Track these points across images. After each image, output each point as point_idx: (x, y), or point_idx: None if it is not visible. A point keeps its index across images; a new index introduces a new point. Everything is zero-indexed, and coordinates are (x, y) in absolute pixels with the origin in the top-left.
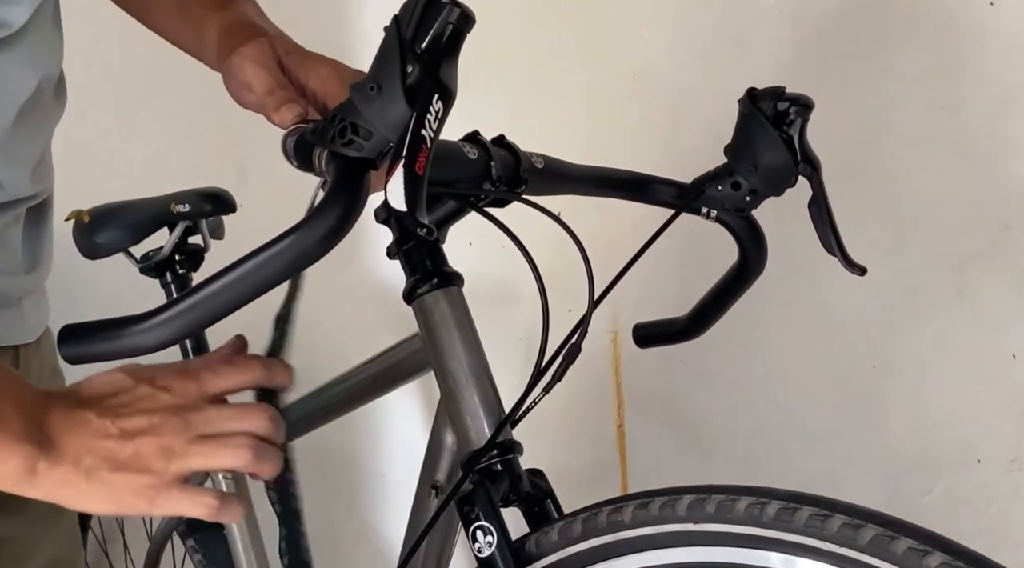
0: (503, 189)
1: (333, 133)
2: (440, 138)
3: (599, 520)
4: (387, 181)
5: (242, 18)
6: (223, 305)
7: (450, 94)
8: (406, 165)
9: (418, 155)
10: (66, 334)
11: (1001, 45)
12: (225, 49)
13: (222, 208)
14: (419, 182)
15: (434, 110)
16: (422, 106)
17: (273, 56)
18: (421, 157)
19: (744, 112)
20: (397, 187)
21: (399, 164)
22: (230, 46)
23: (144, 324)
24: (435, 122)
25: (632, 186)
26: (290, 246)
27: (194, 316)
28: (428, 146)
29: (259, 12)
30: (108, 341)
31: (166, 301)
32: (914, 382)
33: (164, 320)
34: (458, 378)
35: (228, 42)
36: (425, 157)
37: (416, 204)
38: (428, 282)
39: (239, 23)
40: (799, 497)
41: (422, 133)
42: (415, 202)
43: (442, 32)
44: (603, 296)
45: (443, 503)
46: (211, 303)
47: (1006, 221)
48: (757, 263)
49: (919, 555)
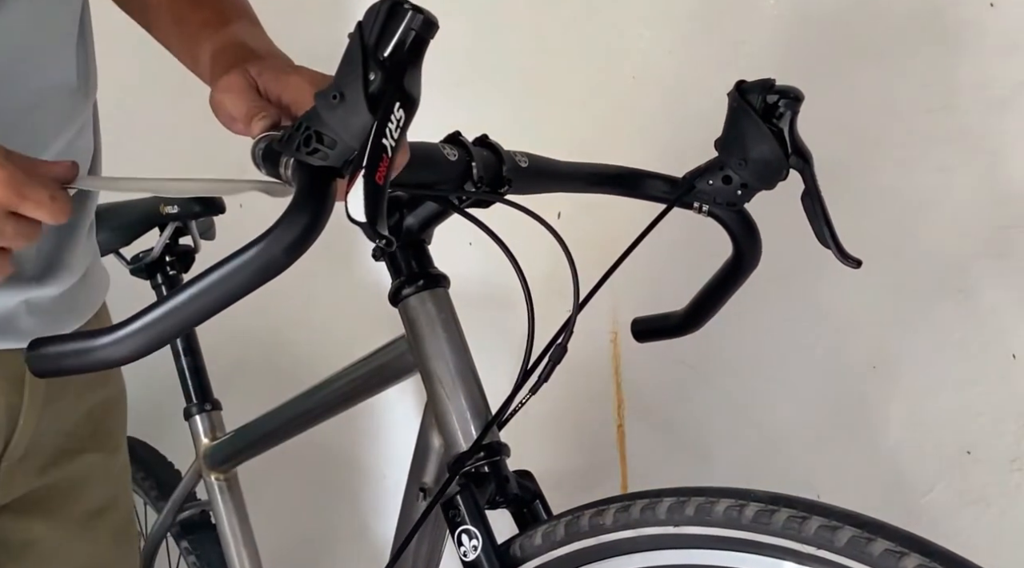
0: (484, 190)
1: (299, 141)
2: (421, 140)
3: (581, 523)
4: (347, 191)
5: (233, 41)
6: (191, 316)
7: (412, 102)
8: (366, 175)
9: (378, 164)
10: (35, 348)
11: (1001, 45)
12: (215, 74)
13: (211, 209)
14: (379, 192)
15: (395, 118)
16: (383, 115)
17: (248, 82)
18: (382, 166)
19: (733, 105)
20: (358, 196)
21: (360, 173)
22: (216, 74)
23: (112, 337)
24: (396, 130)
25: (623, 181)
26: (255, 257)
27: (162, 329)
28: (389, 155)
29: (253, 32)
30: (77, 355)
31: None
32: (914, 382)
33: (132, 333)
34: (444, 380)
35: (216, 67)
36: (386, 166)
37: (376, 215)
38: (413, 284)
39: (230, 47)
40: (778, 499)
41: (383, 142)
42: (375, 213)
43: (405, 39)
44: (592, 293)
45: (429, 506)
46: (178, 315)
47: (1006, 221)
48: (751, 257)
49: (895, 556)
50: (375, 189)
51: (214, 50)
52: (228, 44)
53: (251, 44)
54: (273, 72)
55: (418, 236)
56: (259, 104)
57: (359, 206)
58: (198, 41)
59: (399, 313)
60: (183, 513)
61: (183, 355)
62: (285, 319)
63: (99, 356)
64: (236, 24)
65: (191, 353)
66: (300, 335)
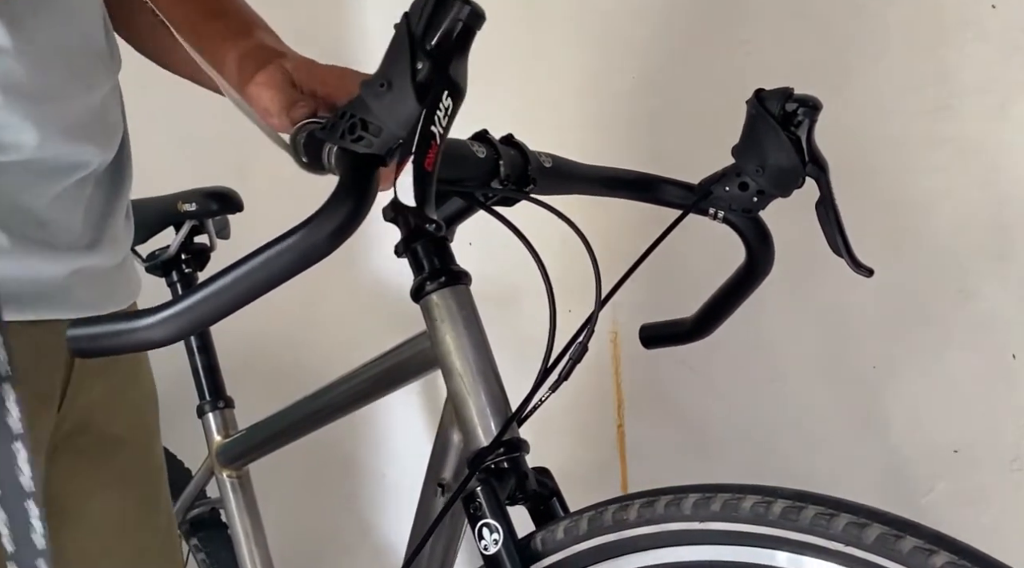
0: (511, 188)
1: (343, 129)
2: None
3: (605, 518)
4: (396, 177)
5: (260, 45)
6: (231, 301)
7: (460, 91)
8: (415, 161)
9: (427, 151)
10: (75, 329)
11: (1001, 46)
12: (244, 77)
13: (228, 207)
14: (428, 178)
15: (443, 106)
16: (432, 102)
17: (283, 77)
18: (431, 153)
19: (752, 112)
20: (406, 183)
21: (408, 160)
22: (248, 73)
23: (150, 319)
24: (444, 118)
25: (640, 186)
26: (298, 242)
27: (201, 312)
28: (438, 142)
29: (276, 39)
30: (115, 336)
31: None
32: (914, 382)
33: (171, 316)
34: (465, 377)
35: (245, 69)
36: (435, 153)
37: (426, 200)
38: (436, 280)
39: (255, 49)
40: (805, 496)
41: (432, 129)
42: (425, 198)
43: (452, 29)
44: (611, 295)
45: (450, 500)
46: (218, 299)
47: (1006, 221)
48: (764, 264)
49: (925, 554)
50: (424, 175)
51: (239, 56)
52: (253, 47)
53: (279, 48)
54: (307, 67)
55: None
56: (296, 95)
57: (408, 192)
58: (220, 55)
59: (421, 309)
60: (193, 511)
61: (197, 353)
62: (297, 318)
63: (138, 337)
64: (256, 32)
65: (205, 351)
66: (312, 334)
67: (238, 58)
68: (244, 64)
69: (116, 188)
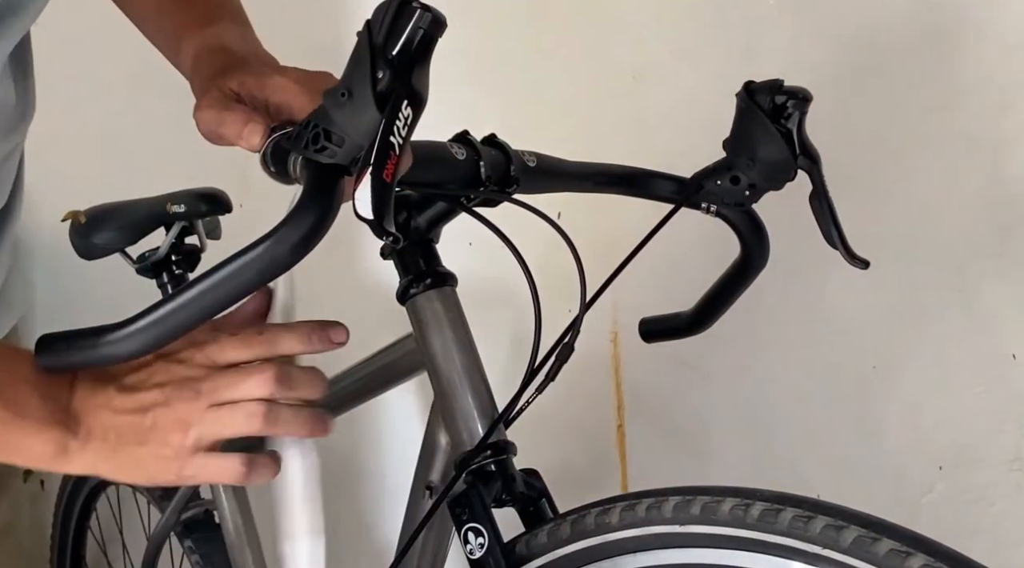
0: (493, 189)
1: (307, 139)
2: (429, 139)
3: (587, 521)
4: (355, 188)
5: (215, 44)
6: (198, 313)
7: (420, 100)
8: (373, 172)
9: (386, 162)
10: (43, 344)
11: (1001, 45)
12: (195, 81)
13: (218, 208)
14: (386, 189)
15: (403, 116)
16: (391, 112)
17: (224, 96)
18: (389, 164)
19: (741, 106)
20: (366, 194)
21: (367, 171)
22: (197, 83)
23: (120, 333)
24: (404, 128)
25: (630, 181)
26: (262, 255)
27: (169, 325)
28: (396, 153)
29: (237, 32)
30: (84, 350)
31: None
32: (914, 382)
33: (140, 329)
34: (451, 378)
35: (199, 70)
36: (393, 164)
37: (383, 212)
38: (421, 282)
39: (213, 50)
40: (783, 498)
41: (391, 139)
42: (382, 210)
43: (413, 37)
44: (599, 294)
45: (435, 504)
46: (186, 312)
47: (1006, 221)
48: (759, 257)
49: (901, 556)
50: (382, 186)
51: (196, 51)
52: (209, 47)
53: (233, 47)
54: (255, 77)
55: (426, 235)
56: (245, 114)
57: (366, 203)
58: (181, 39)
59: (407, 311)
60: (187, 512)
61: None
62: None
63: (107, 352)
64: (220, 24)
65: None
66: None
67: (194, 54)
68: (201, 61)
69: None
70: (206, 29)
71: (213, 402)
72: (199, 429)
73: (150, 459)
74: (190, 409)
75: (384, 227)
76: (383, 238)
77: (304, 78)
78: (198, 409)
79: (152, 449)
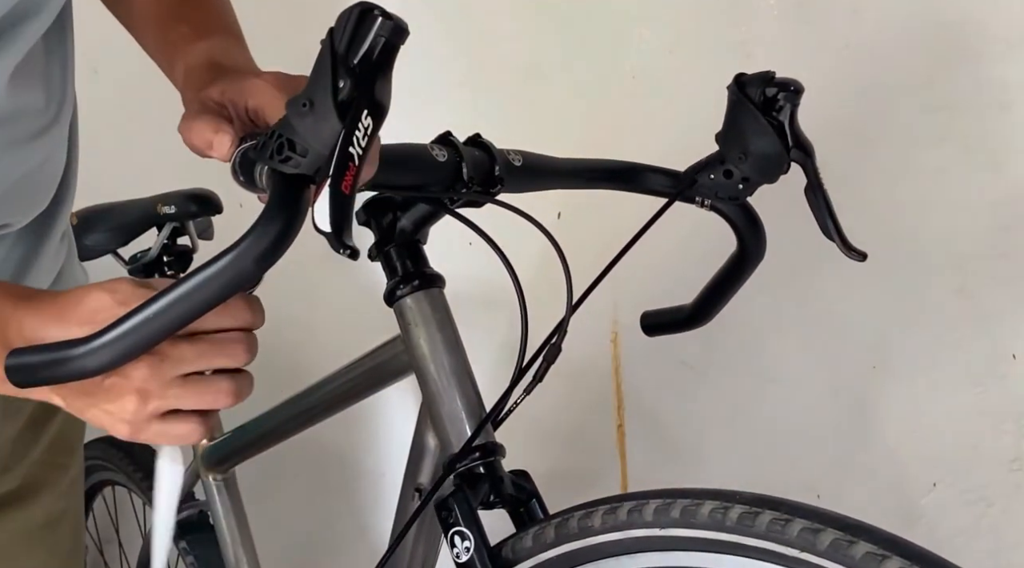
0: (476, 190)
1: (272, 149)
2: (409, 141)
3: (570, 525)
4: (314, 200)
5: (205, 60)
6: (165, 327)
7: (381, 109)
8: (332, 184)
9: (345, 173)
10: (15, 357)
11: (1001, 45)
12: (187, 91)
13: (208, 209)
14: (346, 201)
15: (363, 126)
16: (351, 123)
17: (203, 107)
18: (348, 175)
19: (732, 98)
20: (323, 206)
21: (326, 182)
22: (190, 91)
23: (87, 347)
24: (364, 139)
25: (622, 176)
26: (227, 267)
27: (136, 339)
28: (356, 163)
29: (228, 47)
30: (54, 365)
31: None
32: (914, 382)
33: (107, 343)
34: (439, 380)
35: (190, 85)
36: (352, 175)
37: (342, 225)
38: (409, 284)
39: (201, 66)
40: (762, 501)
41: (349, 150)
42: (340, 223)
43: (375, 46)
44: (588, 292)
45: (419, 506)
46: (152, 325)
47: (1006, 221)
48: (756, 250)
49: (877, 559)
50: (341, 198)
51: (187, 67)
52: (200, 63)
53: (222, 61)
54: (234, 82)
55: (412, 237)
56: (215, 123)
57: (325, 216)
58: (175, 54)
59: (395, 313)
60: (181, 513)
61: None
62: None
63: (76, 366)
64: (213, 39)
65: None
66: (298, 335)
67: (185, 70)
68: (192, 77)
69: (39, 239)
70: (199, 44)
71: (178, 373)
72: (160, 402)
73: (102, 416)
74: (150, 379)
75: (343, 240)
76: (341, 252)
77: (283, 81)
78: (159, 380)
79: (105, 411)
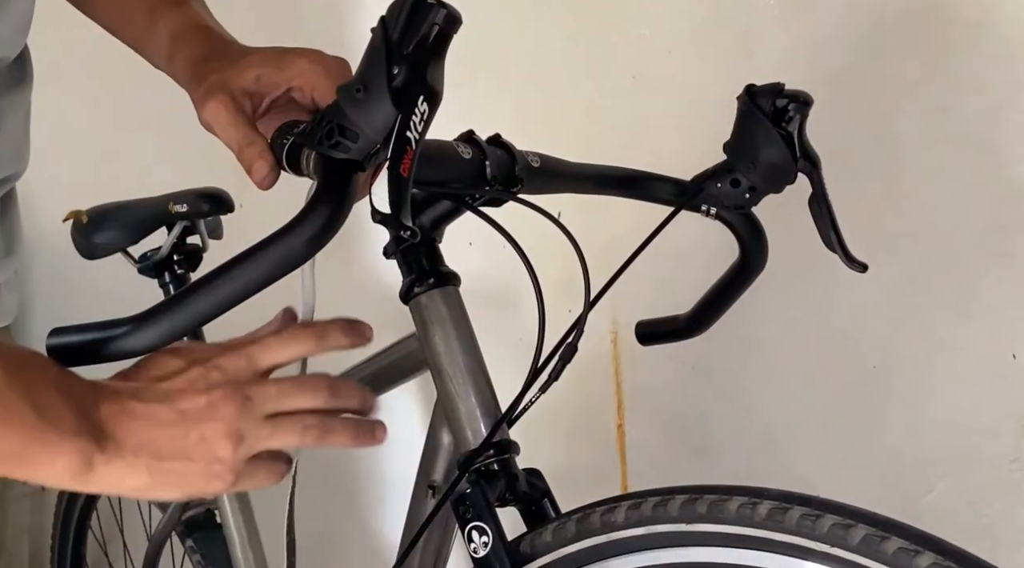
0: (498, 188)
1: (320, 135)
2: (435, 138)
3: (592, 520)
4: (371, 183)
5: (193, 23)
6: (211, 308)
7: (436, 95)
8: (390, 167)
9: (403, 157)
10: (55, 336)
11: (1001, 45)
12: (179, 59)
13: (220, 208)
14: (404, 184)
15: (419, 112)
16: (407, 108)
17: (234, 107)
18: (406, 159)
19: (743, 109)
20: (382, 189)
21: (384, 166)
22: (186, 62)
23: (133, 327)
24: (420, 124)
25: (631, 184)
26: (276, 249)
27: (183, 319)
28: (413, 148)
29: (205, 13)
30: (96, 344)
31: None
32: (914, 382)
33: (153, 323)
34: (455, 378)
35: (181, 52)
36: (410, 159)
37: (400, 206)
38: (425, 282)
39: (191, 29)
40: (790, 497)
41: (407, 135)
42: (399, 205)
43: (428, 33)
44: (601, 294)
45: (439, 503)
46: (199, 306)
47: (1006, 221)
48: (758, 260)
49: (909, 555)
50: (399, 181)
51: (172, 30)
52: (187, 26)
53: (212, 27)
54: (272, 67)
55: (430, 234)
56: (251, 139)
57: (384, 198)
58: (152, 19)
59: (410, 311)
60: (188, 512)
61: None
62: None
63: (120, 345)
64: (188, 6)
65: None
66: None
67: (172, 31)
68: (180, 38)
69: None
70: (178, 9)
71: (265, 413)
72: (252, 444)
73: (196, 474)
74: (241, 420)
75: (402, 221)
76: (402, 233)
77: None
78: (250, 420)
79: (201, 465)
